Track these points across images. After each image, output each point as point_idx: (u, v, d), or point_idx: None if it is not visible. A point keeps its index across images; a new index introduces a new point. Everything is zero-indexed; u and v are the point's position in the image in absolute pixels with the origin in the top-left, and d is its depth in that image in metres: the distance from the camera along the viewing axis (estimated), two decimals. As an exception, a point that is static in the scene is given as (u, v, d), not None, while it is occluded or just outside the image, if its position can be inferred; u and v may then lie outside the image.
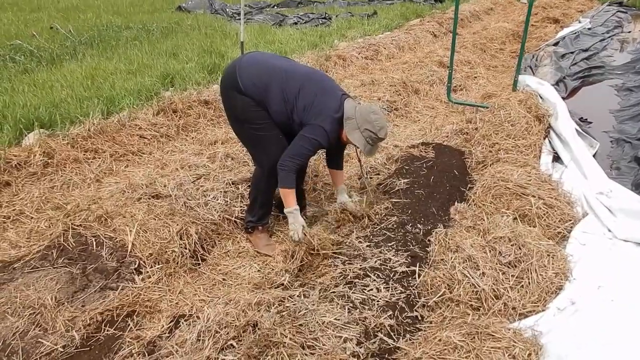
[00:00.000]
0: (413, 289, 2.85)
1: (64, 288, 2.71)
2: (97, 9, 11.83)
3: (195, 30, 9.72)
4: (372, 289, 2.81)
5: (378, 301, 2.72)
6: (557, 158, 4.53)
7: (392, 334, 2.55)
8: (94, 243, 2.97)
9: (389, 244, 3.20)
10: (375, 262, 3.03)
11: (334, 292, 2.81)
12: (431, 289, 2.81)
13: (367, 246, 3.21)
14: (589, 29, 10.67)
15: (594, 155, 4.53)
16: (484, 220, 3.27)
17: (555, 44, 8.88)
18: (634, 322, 2.38)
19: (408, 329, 2.63)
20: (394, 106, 5.99)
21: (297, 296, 2.76)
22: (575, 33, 9.89)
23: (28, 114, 4.65)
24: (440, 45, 9.27)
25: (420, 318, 2.72)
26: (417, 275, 2.93)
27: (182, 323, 2.60)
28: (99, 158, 4.31)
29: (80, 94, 5.45)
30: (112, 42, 8.40)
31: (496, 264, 2.85)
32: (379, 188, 3.97)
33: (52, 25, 9.26)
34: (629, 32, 11.48)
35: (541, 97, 5.29)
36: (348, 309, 2.64)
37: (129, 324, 2.66)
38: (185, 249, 3.19)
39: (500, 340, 2.37)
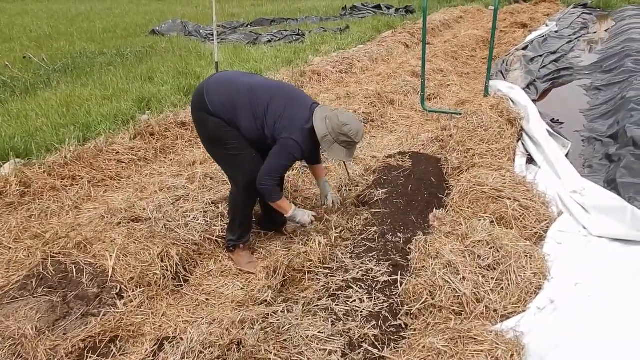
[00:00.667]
0: (396, 298, 2.87)
1: (44, 317, 2.68)
2: (70, 36, 11.78)
3: (169, 53, 9.74)
4: (355, 300, 2.82)
5: (361, 312, 2.73)
6: (530, 160, 4.62)
7: (376, 343, 2.56)
8: (74, 270, 2.94)
9: (370, 255, 3.22)
10: (358, 273, 3.05)
11: (317, 305, 2.81)
12: (413, 296, 2.83)
13: (348, 258, 3.23)
14: (556, 31, 10.94)
15: (566, 155, 4.63)
16: (462, 225, 3.31)
17: (525, 48, 9.07)
18: (609, 316, 2.43)
19: (392, 337, 2.64)
20: (370, 117, 6.05)
21: (281, 312, 2.76)
22: (543, 36, 10.12)
23: (3, 144, 4.62)
24: (412, 56, 9.41)
25: (404, 326, 2.74)
26: (399, 284, 2.95)
27: (166, 345, 2.58)
28: (77, 185, 4.29)
29: (55, 121, 5.43)
30: (86, 68, 8.38)
31: (476, 267, 2.89)
32: (358, 199, 4.00)
33: (25, 54, 9.22)
34: (595, 32, 11.79)
35: (512, 101, 5.39)
36: (332, 321, 2.65)
37: (112, 350, 2.63)
38: (167, 270, 3.17)
39: (482, 343, 2.40)
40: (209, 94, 3.05)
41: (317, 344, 2.47)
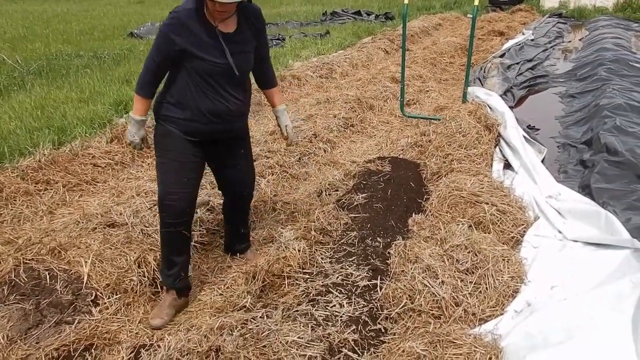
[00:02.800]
0: (375, 302, 2.87)
1: (16, 325, 2.61)
2: (45, 38, 11.59)
3: (148, 56, 9.63)
4: (334, 305, 2.81)
5: (341, 317, 2.72)
6: (507, 165, 4.69)
7: (356, 348, 2.56)
8: (48, 277, 2.87)
9: (350, 259, 3.22)
10: (337, 277, 3.04)
11: (297, 310, 2.79)
12: (393, 300, 2.84)
13: (328, 262, 3.23)
14: (532, 40, 11.14)
15: (542, 161, 4.71)
16: (440, 229, 3.34)
17: (502, 56, 9.22)
18: (584, 319, 2.47)
19: (372, 342, 2.64)
20: (350, 122, 6.07)
21: (260, 317, 2.74)
22: (520, 44, 10.31)
23: (-26, 148, 4.51)
24: (392, 62, 9.47)
25: (383, 330, 2.74)
26: (378, 288, 2.96)
27: (143, 353, 2.53)
28: (51, 189, 4.19)
29: (29, 124, 5.31)
30: (62, 70, 8.25)
31: (454, 271, 2.91)
32: (338, 204, 4.00)
33: (-2, 56, 9.05)
34: (569, 41, 12.06)
35: (490, 107, 5.48)
36: (311, 326, 2.63)
37: (87, 358, 2.57)
38: (144, 277, 3.11)
39: (461, 347, 2.41)
40: None
41: (297, 350, 2.45)
